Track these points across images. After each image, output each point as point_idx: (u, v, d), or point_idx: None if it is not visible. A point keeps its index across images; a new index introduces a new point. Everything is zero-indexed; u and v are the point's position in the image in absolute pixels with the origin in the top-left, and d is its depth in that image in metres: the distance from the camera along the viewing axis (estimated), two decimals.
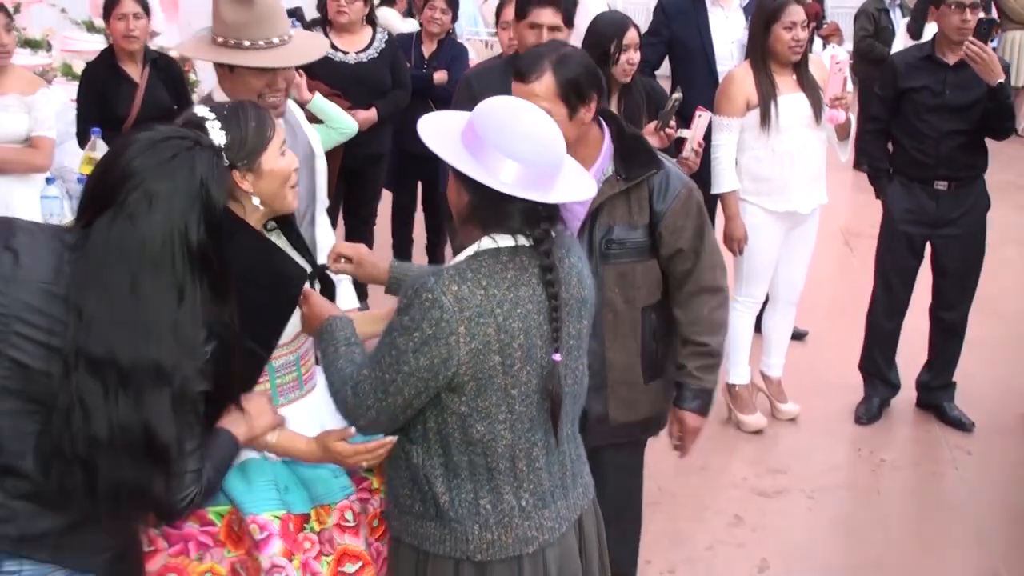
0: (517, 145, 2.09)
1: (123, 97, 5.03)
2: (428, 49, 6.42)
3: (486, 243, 2.14)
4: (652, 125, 4.14)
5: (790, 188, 4.63)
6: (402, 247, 6.80)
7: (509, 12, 5.04)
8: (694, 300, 2.99)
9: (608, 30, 4.28)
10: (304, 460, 2.44)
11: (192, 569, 2.35)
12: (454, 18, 6.72)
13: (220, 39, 2.84)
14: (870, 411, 5.08)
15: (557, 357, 2.15)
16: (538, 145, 2.12)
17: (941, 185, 4.76)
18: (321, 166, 3.27)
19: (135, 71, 5.12)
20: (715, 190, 4.64)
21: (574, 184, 2.22)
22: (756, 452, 4.77)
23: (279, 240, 2.58)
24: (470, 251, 2.16)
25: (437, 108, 6.27)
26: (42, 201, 4.15)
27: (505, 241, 2.14)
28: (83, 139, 4.77)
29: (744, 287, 4.86)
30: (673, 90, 4.31)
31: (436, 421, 2.19)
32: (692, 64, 5.33)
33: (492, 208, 2.11)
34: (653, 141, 4.04)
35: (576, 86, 2.77)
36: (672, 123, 4.13)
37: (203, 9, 8.42)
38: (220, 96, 2.89)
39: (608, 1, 6.86)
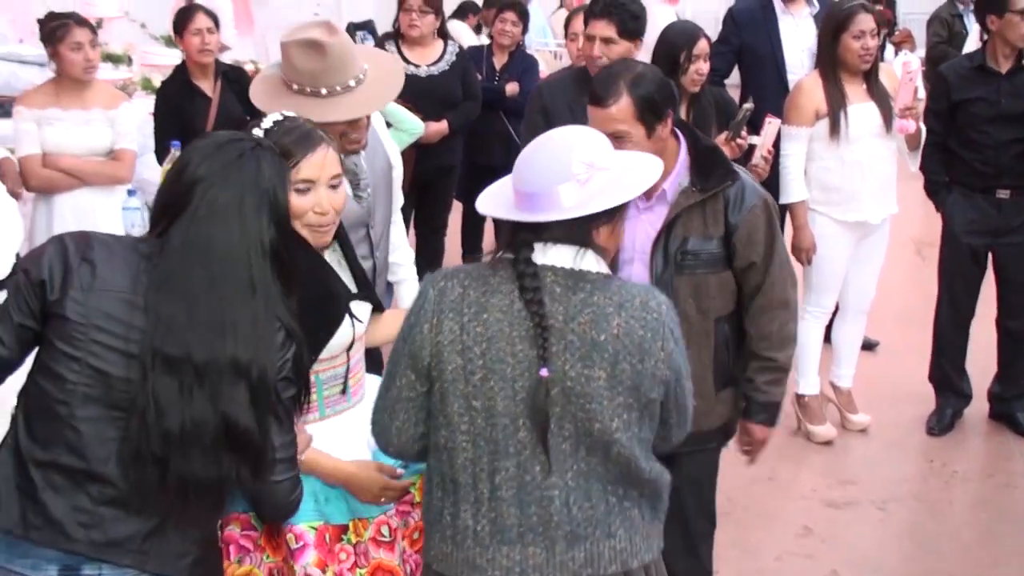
0: (518, 171, 2.14)
1: (198, 111, 5.15)
2: (499, 61, 6.49)
3: (500, 255, 2.15)
4: (723, 136, 4.16)
5: (860, 198, 4.60)
6: (472, 258, 6.87)
7: (577, 24, 5.11)
8: (764, 315, 2.99)
9: (679, 40, 4.31)
10: (324, 480, 2.44)
11: (232, 572, 2.40)
12: (524, 30, 6.79)
13: (295, 85, 2.81)
14: (942, 422, 5.02)
15: (544, 372, 2.02)
16: (529, 172, 2.11)
17: (1003, 194, 4.73)
18: (397, 174, 3.39)
19: (208, 85, 5.23)
20: (783, 200, 4.63)
21: (565, 211, 2.09)
22: (826, 463, 4.73)
23: (334, 257, 2.62)
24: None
25: (509, 120, 6.36)
26: (123, 212, 4.26)
27: (507, 254, 2.13)
28: (161, 154, 4.90)
29: (814, 297, 4.83)
30: (743, 100, 4.32)
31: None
32: (762, 72, 5.32)
33: (506, 230, 2.16)
34: (724, 151, 4.07)
35: (652, 105, 2.78)
36: (743, 133, 4.14)
37: (276, 22, 8.61)
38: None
39: (676, 11, 6.90)
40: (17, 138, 4.61)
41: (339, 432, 2.54)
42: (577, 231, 2.08)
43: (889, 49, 11.82)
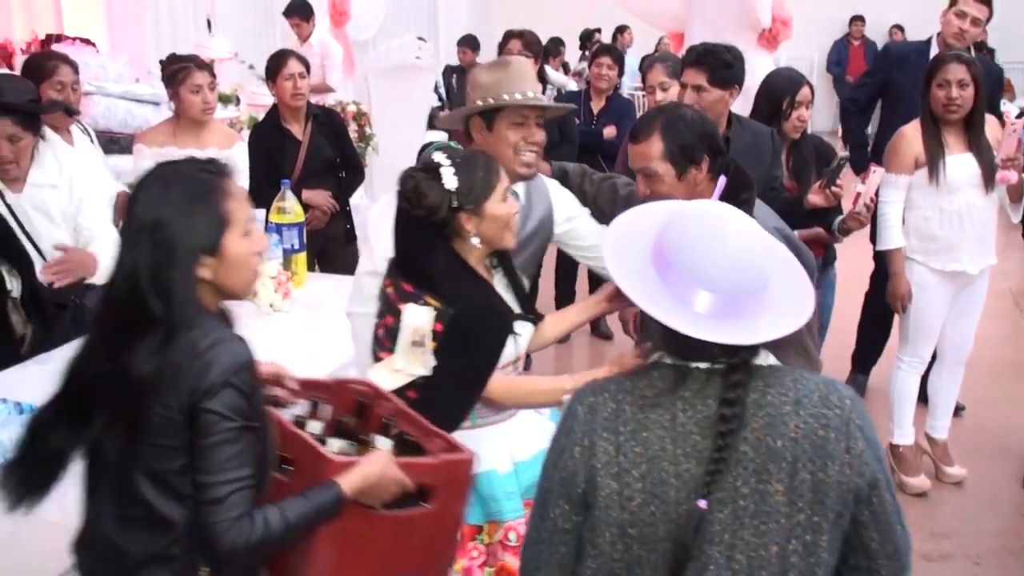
0: (710, 270, 1.78)
1: (288, 154, 5.28)
2: (597, 105, 6.58)
3: (660, 358, 1.87)
4: (819, 183, 4.19)
5: (958, 248, 4.58)
6: (565, 300, 6.94)
7: (654, 75, 5.17)
8: None
9: (782, 86, 4.40)
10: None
11: None
12: (620, 73, 6.89)
13: (479, 101, 3.00)
14: None
15: (702, 504, 1.75)
16: (737, 269, 1.79)
17: None
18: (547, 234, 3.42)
19: (298, 128, 5.37)
20: (880, 247, 4.64)
21: (783, 311, 1.84)
22: (919, 515, 4.68)
23: (500, 279, 2.81)
24: (643, 364, 1.93)
25: (606, 163, 6.45)
26: None
27: (680, 361, 1.84)
28: (259, 194, 4.96)
29: (910, 347, 4.81)
30: (881, 135, 4.33)
31: None
32: (902, 111, 5.22)
33: (682, 336, 1.78)
34: (818, 199, 4.10)
35: (686, 148, 2.79)
36: (839, 182, 4.16)
37: (377, 65, 8.78)
38: None
39: (773, 58, 6.93)
40: (137, 174, 4.75)
41: (485, 443, 2.65)
42: None
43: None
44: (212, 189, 2.10)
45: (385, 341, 2.61)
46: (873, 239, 4.93)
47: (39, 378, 3.32)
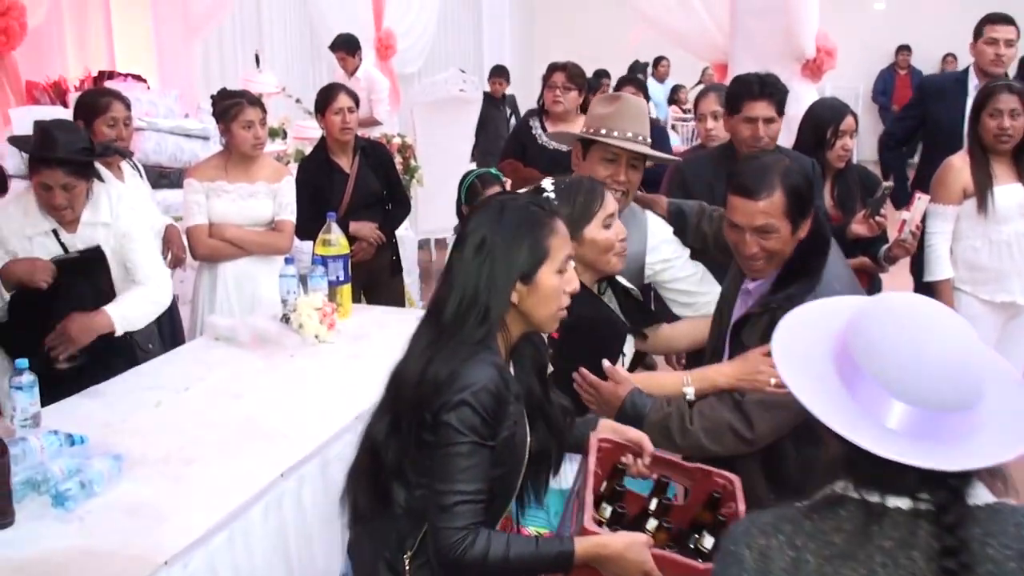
0: (910, 379, 1.45)
1: (335, 188, 5.34)
2: None
3: (846, 491, 1.52)
4: (862, 213, 4.16)
5: (1008, 278, 4.54)
6: None
7: (707, 104, 5.16)
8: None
9: (826, 115, 4.40)
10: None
11: None
12: (646, 100, 6.89)
13: (590, 130, 3.21)
14: None
15: None
16: (943, 380, 1.45)
17: None
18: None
19: (346, 161, 5.43)
20: (928, 278, 4.60)
21: (996, 433, 1.47)
22: None
23: (610, 300, 2.94)
24: (823, 494, 1.54)
25: (644, 190, 6.44)
26: (280, 280, 4.44)
27: (872, 495, 1.49)
28: (309, 226, 4.98)
29: None
30: (923, 169, 4.31)
31: None
32: (942, 143, 5.20)
33: (871, 460, 1.45)
34: (862, 229, 4.08)
35: (801, 200, 2.72)
36: (882, 212, 4.13)
37: (422, 98, 8.86)
38: None
39: (817, 88, 6.91)
40: (187, 208, 4.83)
41: None
42: None
43: None
44: (540, 223, 2.25)
45: None
46: (914, 271, 4.89)
47: (88, 411, 3.42)
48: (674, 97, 13.61)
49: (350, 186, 5.37)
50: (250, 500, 2.92)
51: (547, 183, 2.79)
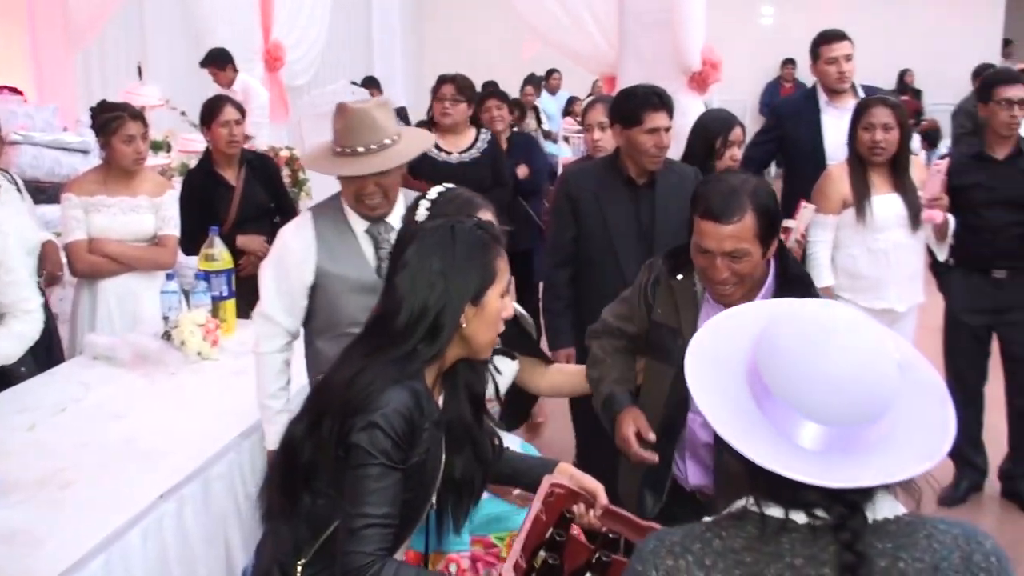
0: (814, 398, 1.43)
1: (221, 201, 5.22)
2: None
3: (749, 505, 1.51)
4: None
5: (885, 286, 4.65)
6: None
7: (594, 114, 5.19)
8: None
9: (715, 126, 4.48)
10: None
11: None
12: (510, 110, 6.91)
13: (337, 148, 3.14)
14: (955, 495, 5.12)
15: None
16: (842, 395, 1.43)
17: (1000, 274, 4.84)
18: None
19: (232, 174, 5.31)
20: None
21: (905, 444, 1.45)
22: None
23: None
24: (729, 510, 1.54)
25: (527, 202, 6.47)
26: (162, 296, 4.35)
27: (775, 510, 1.48)
28: (184, 242, 4.93)
29: None
30: (788, 191, 4.40)
31: None
32: (803, 163, 5.32)
33: (770, 475, 1.43)
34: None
35: (771, 221, 2.63)
36: None
37: (311, 110, 8.76)
38: None
39: (704, 100, 7.01)
40: (65, 224, 4.69)
41: None
42: None
43: (915, 139, 11.95)
44: (488, 245, 2.28)
45: None
46: None
47: None
48: (568, 109, 13.72)
49: (236, 199, 5.27)
50: (128, 523, 2.86)
51: (435, 191, 2.79)
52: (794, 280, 2.75)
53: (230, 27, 9.77)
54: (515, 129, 6.97)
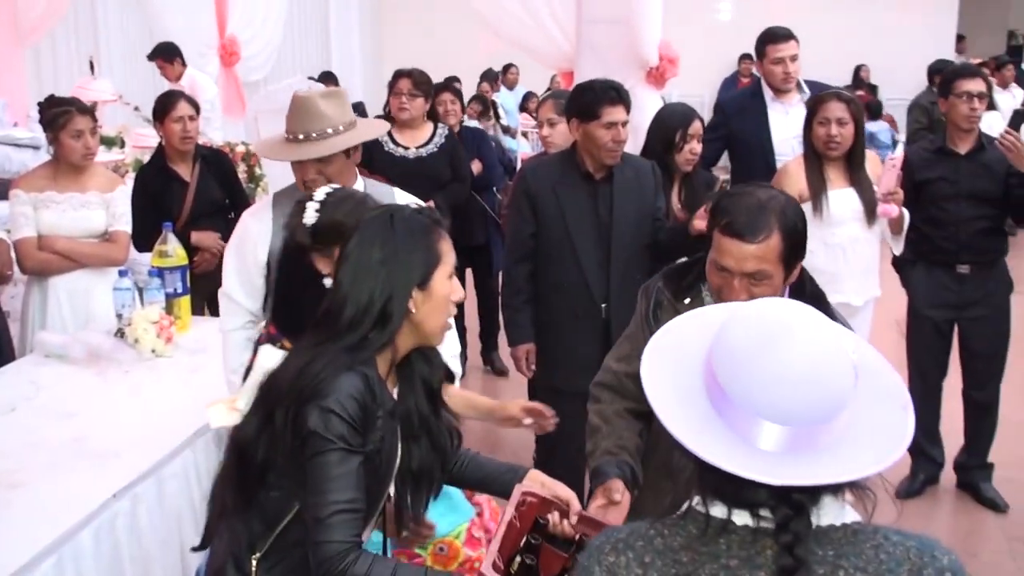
0: (766, 398, 1.41)
1: (175, 197, 5.16)
2: None
3: (695, 504, 1.50)
4: (703, 208, 4.22)
5: (842, 280, 4.66)
6: (456, 336, 6.90)
7: (545, 110, 5.20)
8: None
9: (674, 120, 4.49)
10: None
11: None
12: (463, 107, 6.92)
13: (288, 135, 3.23)
14: (912, 487, 5.17)
15: None
16: (802, 394, 1.40)
17: (963, 268, 4.90)
18: None
19: (185, 170, 5.25)
20: None
21: (861, 445, 1.42)
22: None
23: None
24: (680, 511, 1.53)
25: (481, 197, 6.47)
26: (115, 293, 4.30)
27: (720, 510, 1.46)
28: (138, 238, 4.91)
29: None
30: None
31: None
32: (752, 160, 5.34)
33: (717, 474, 1.42)
34: (704, 224, 4.09)
35: (798, 242, 2.45)
36: None
37: (266, 105, 8.69)
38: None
39: (662, 95, 7.02)
40: (13, 221, 4.63)
41: None
42: None
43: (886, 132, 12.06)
44: (429, 228, 2.26)
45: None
46: None
47: None
48: (525, 105, 13.72)
49: (190, 195, 5.20)
50: (80, 523, 2.82)
51: (321, 192, 2.76)
52: (811, 301, 2.60)
53: (185, 21, 9.66)
54: (464, 123, 6.97)
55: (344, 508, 2.08)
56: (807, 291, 2.61)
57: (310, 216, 2.67)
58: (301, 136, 3.17)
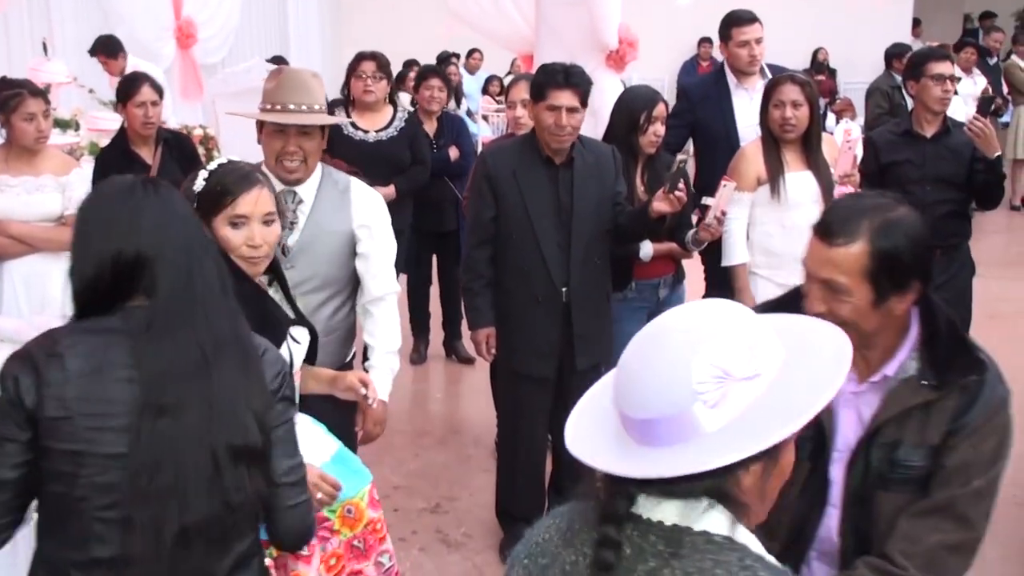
0: (616, 380, 1.48)
1: None
2: (430, 128, 6.53)
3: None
4: (662, 189, 4.23)
5: (800, 263, 4.69)
6: (420, 323, 6.90)
7: (517, 91, 5.19)
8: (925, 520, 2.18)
9: (638, 102, 4.51)
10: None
11: None
12: (450, 94, 6.90)
13: (261, 106, 3.30)
14: None
15: None
16: (624, 376, 1.45)
17: None
18: (368, 250, 3.59)
19: (147, 153, 5.24)
20: (725, 263, 4.73)
21: (714, 445, 1.37)
22: None
23: (275, 292, 2.86)
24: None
25: (455, 184, 6.45)
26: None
27: (580, 503, 1.53)
28: None
29: None
30: (700, 174, 4.40)
31: None
32: (716, 146, 5.34)
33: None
34: (663, 205, 4.07)
35: (895, 266, 2.12)
36: (681, 186, 4.13)
37: (225, 89, 8.62)
38: None
39: (623, 78, 7.03)
40: None
41: None
42: (702, 477, 1.36)
43: (831, 118, 12.14)
44: None
45: None
46: (704, 258, 5.05)
47: None
48: (487, 88, 13.69)
49: None
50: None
51: (223, 159, 2.77)
52: (951, 340, 2.21)
53: (140, 3, 9.54)
54: (445, 110, 6.94)
55: None
56: (942, 331, 2.22)
57: (198, 184, 2.65)
58: (292, 106, 3.24)
